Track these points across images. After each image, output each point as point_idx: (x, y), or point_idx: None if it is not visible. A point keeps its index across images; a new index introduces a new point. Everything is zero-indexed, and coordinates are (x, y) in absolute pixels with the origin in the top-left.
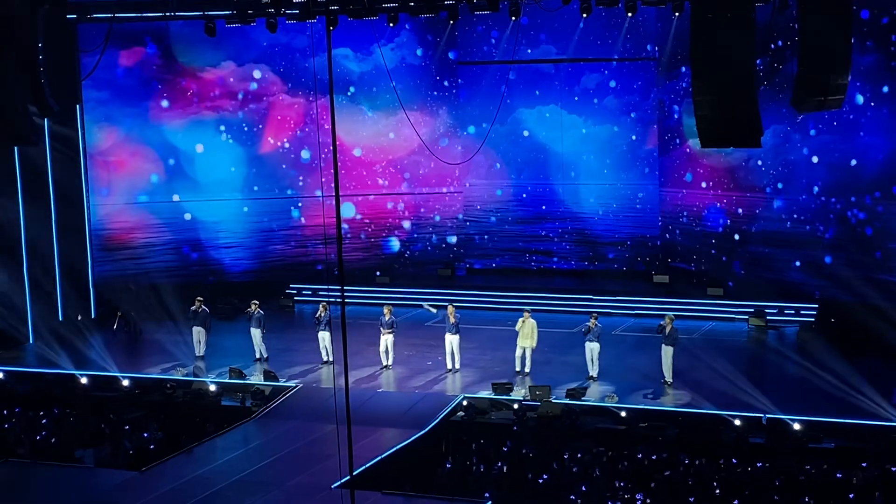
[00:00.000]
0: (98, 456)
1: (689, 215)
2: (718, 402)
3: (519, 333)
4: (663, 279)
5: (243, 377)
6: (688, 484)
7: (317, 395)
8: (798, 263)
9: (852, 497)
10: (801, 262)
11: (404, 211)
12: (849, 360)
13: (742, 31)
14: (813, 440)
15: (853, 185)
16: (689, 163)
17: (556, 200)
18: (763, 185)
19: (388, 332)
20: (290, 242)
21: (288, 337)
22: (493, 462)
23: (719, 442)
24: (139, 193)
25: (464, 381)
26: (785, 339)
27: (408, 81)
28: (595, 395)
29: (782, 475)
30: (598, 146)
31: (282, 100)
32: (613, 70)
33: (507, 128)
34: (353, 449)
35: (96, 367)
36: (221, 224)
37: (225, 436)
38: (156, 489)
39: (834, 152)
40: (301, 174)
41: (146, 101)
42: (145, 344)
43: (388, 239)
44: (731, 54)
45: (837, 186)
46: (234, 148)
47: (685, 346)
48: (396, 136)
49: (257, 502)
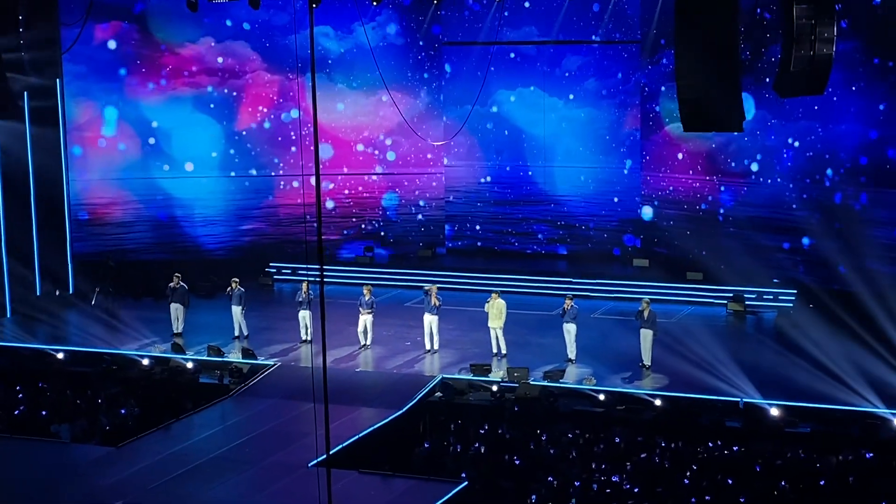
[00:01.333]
0: (74, 431)
1: (670, 199)
2: (696, 386)
3: (489, 314)
4: (643, 263)
5: (221, 355)
6: (664, 467)
7: (295, 374)
8: (777, 248)
9: (825, 483)
10: (781, 247)
11: (383, 191)
12: (826, 346)
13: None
14: (789, 425)
15: (832, 171)
16: (669, 146)
17: (536, 182)
18: (743, 169)
19: (368, 312)
20: (269, 220)
21: (267, 315)
22: (470, 443)
23: (696, 425)
24: (116, 169)
25: (442, 361)
26: (763, 324)
27: (389, 61)
28: (573, 377)
29: (758, 459)
30: (579, 129)
31: (260, 77)
32: (595, 53)
33: (487, 109)
34: (331, 428)
35: (74, 343)
36: (199, 201)
37: (202, 413)
38: (132, 465)
39: (814, 137)
40: (279, 152)
41: (124, 76)
42: (123, 320)
43: (367, 219)
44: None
45: (816, 172)
46: (212, 125)
47: (663, 330)
48: (375, 116)
49: (234, 480)
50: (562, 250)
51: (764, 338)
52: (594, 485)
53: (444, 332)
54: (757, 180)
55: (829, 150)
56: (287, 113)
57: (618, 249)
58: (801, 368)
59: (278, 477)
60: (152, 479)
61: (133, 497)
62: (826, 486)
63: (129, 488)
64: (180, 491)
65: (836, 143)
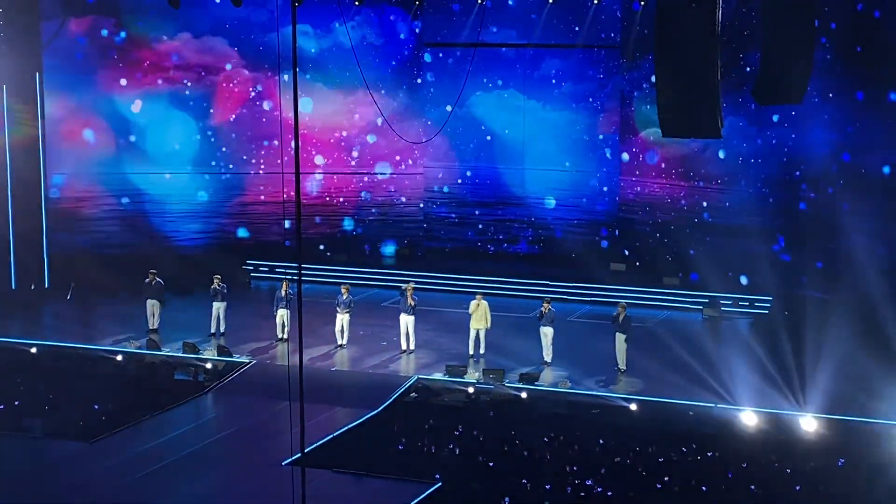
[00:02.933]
0: (47, 426)
1: (647, 204)
2: (671, 390)
3: (472, 316)
4: (620, 267)
5: (197, 352)
6: (638, 471)
7: (270, 372)
8: (753, 255)
9: (799, 489)
10: (757, 253)
11: (360, 191)
12: (801, 352)
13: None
14: (763, 431)
15: (808, 178)
16: (647, 151)
17: (513, 185)
18: (720, 175)
19: (345, 311)
20: (247, 218)
21: (244, 313)
22: (444, 444)
23: (671, 430)
24: (90, 163)
25: (418, 362)
26: (738, 330)
27: (369, 61)
28: (548, 380)
29: (732, 465)
30: (557, 132)
31: (238, 74)
32: (575, 56)
33: (465, 111)
34: (305, 427)
35: (48, 337)
36: (174, 197)
37: (176, 410)
38: (105, 461)
39: (790, 145)
40: (257, 150)
41: (100, 70)
42: (98, 315)
43: (343, 218)
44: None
45: (793, 179)
46: (188, 121)
47: (639, 335)
48: (353, 116)
49: (207, 477)
50: (539, 252)
51: (738, 343)
52: (568, 487)
53: (421, 332)
54: (732, 186)
55: (802, 156)
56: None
57: (595, 253)
58: (777, 374)
59: (252, 475)
60: (125, 476)
61: (106, 493)
62: (799, 492)
63: (102, 484)
64: (153, 488)
65: (810, 150)
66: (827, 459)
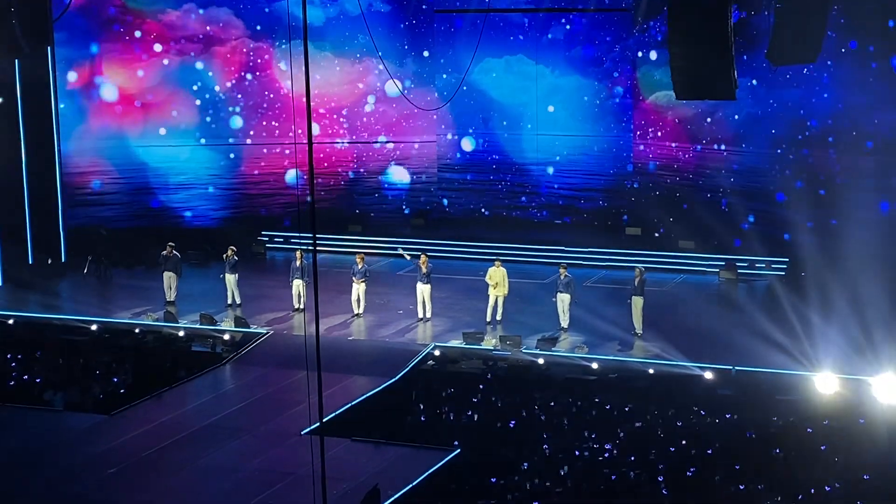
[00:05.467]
0: (67, 399)
1: (661, 167)
2: (688, 353)
3: (491, 282)
4: (635, 231)
5: (214, 323)
6: (657, 435)
7: (287, 342)
8: (770, 217)
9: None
10: (774, 215)
11: (372, 160)
12: (817, 314)
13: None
14: (781, 392)
15: (818, 139)
16: (660, 115)
17: (526, 151)
18: (733, 137)
19: (361, 280)
20: (261, 189)
21: (260, 284)
22: (462, 411)
23: (688, 393)
24: (100, 137)
25: (435, 330)
26: (755, 292)
27: (376, 28)
28: (565, 345)
29: (751, 427)
30: (568, 97)
31: (244, 44)
32: (585, 20)
33: (475, 77)
34: (323, 396)
35: (66, 311)
36: (188, 170)
37: (195, 381)
38: (125, 433)
39: (803, 106)
40: (268, 120)
41: (106, 42)
42: (116, 288)
43: (358, 187)
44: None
45: (805, 140)
46: (198, 93)
47: (656, 299)
48: (362, 84)
49: (227, 447)
50: (553, 219)
51: (755, 306)
52: (586, 452)
53: (437, 300)
54: (745, 148)
55: (813, 117)
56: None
57: (611, 217)
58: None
59: (271, 445)
60: (145, 447)
61: (126, 464)
62: (820, 453)
63: (122, 456)
64: (173, 458)
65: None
66: (848, 419)
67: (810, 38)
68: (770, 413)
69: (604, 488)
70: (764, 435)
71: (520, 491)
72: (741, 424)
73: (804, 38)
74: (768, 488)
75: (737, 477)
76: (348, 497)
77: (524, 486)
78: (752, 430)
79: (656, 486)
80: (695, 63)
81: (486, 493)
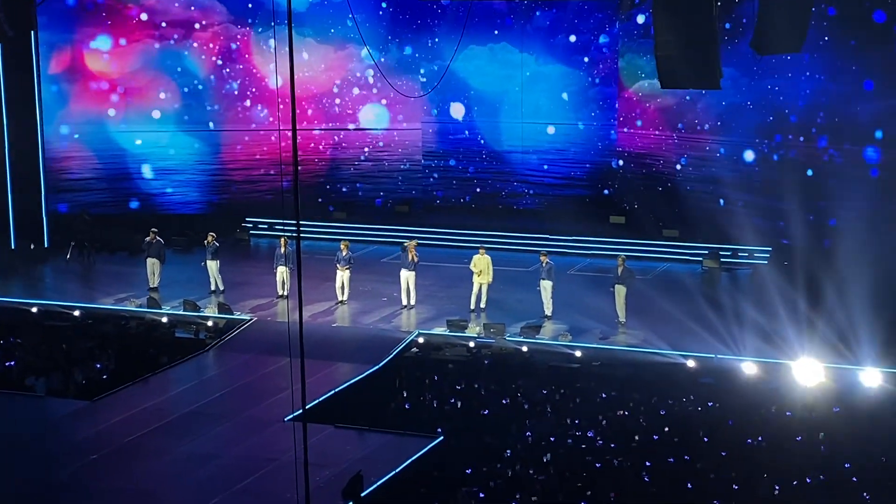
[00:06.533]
0: (49, 385)
1: (646, 156)
2: (671, 342)
3: (475, 270)
4: (619, 220)
5: (197, 309)
6: (639, 423)
7: (271, 329)
8: (754, 206)
9: (800, 439)
10: (757, 205)
11: (354, 147)
12: (799, 303)
13: None
14: (762, 380)
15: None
16: (644, 104)
17: (511, 139)
18: (717, 126)
19: (345, 267)
20: (245, 175)
21: (244, 270)
22: (446, 398)
23: (671, 381)
24: (85, 123)
25: (419, 317)
26: (738, 281)
27: (359, 15)
28: (549, 333)
29: (732, 415)
30: (552, 85)
31: (227, 29)
32: (570, 8)
33: (459, 65)
34: (307, 383)
35: (49, 296)
36: (170, 156)
37: (178, 367)
38: (107, 419)
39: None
40: (251, 105)
41: (89, 27)
42: (99, 274)
43: (341, 174)
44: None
45: (790, 129)
46: (180, 77)
47: (639, 287)
48: (343, 71)
49: (210, 434)
50: (537, 206)
51: (738, 294)
52: (569, 440)
53: (421, 287)
54: (729, 136)
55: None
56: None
57: (595, 206)
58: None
59: (254, 431)
60: (127, 433)
61: (108, 451)
62: (800, 442)
63: (104, 442)
64: (155, 445)
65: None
66: (825, 407)
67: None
68: (751, 401)
69: (586, 475)
70: (745, 423)
71: (502, 478)
72: (723, 412)
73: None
74: (750, 476)
75: (719, 464)
76: (331, 483)
77: (507, 473)
78: (733, 417)
79: (639, 473)
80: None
81: (469, 480)
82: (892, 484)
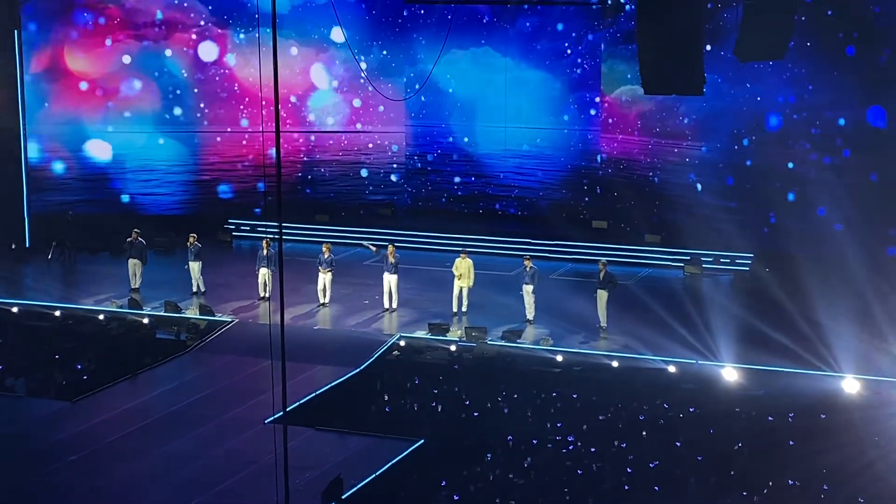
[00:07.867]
0: (29, 386)
1: (628, 161)
2: (652, 347)
3: (456, 273)
4: (602, 225)
5: (179, 311)
6: (619, 427)
7: (252, 331)
8: (736, 213)
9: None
10: (739, 211)
11: (337, 150)
12: (781, 309)
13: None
14: (743, 386)
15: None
16: (626, 109)
17: (493, 143)
18: (697, 132)
19: (327, 270)
20: (227, 177)
21: (226, 272)
22: (427, 401)
23: (652, 386)
24: (68, 124)
25: (400, 320)
26: (719, 287)
27: (343, 17)
28: (530, 337)
29: (713, 421)
30: (534, 89)
31: (210, 31)
32: (552, 13)
33: (442, 69)
34: (288, 385)
35: (29, 297)
36: (151, 156)
37: (159, 369)
38: (88, 420)
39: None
40: (235, 107)
41: (70, 26)
42: (80, 275)
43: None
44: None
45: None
46: (161, 79)
47: (621, 292)
48: (326, 74)
49: (190, 435)
50: (519, 211)
51: (720, 300)
52: (549, 444)
53: (403, 291)
54: (710, 142)
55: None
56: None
57: (577, 211)
58: (757, 329)
59: (235, 433)
60: (107, 434)
61: (88, 451)
62: (780, 447)
63: (84, 443)
64: (136, 446)
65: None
66: (810, 413)
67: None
68: (732, 406)
69: (567, 480)
70: (726, 428)
71: (483, 482)
72: (703, 418)
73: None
74: (730, 481)
75: (699, 470)
76: (311, 486)
77: (487, 477)
78: (713, 424)
79: (619, 478)
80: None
81: (450, 484)
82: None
